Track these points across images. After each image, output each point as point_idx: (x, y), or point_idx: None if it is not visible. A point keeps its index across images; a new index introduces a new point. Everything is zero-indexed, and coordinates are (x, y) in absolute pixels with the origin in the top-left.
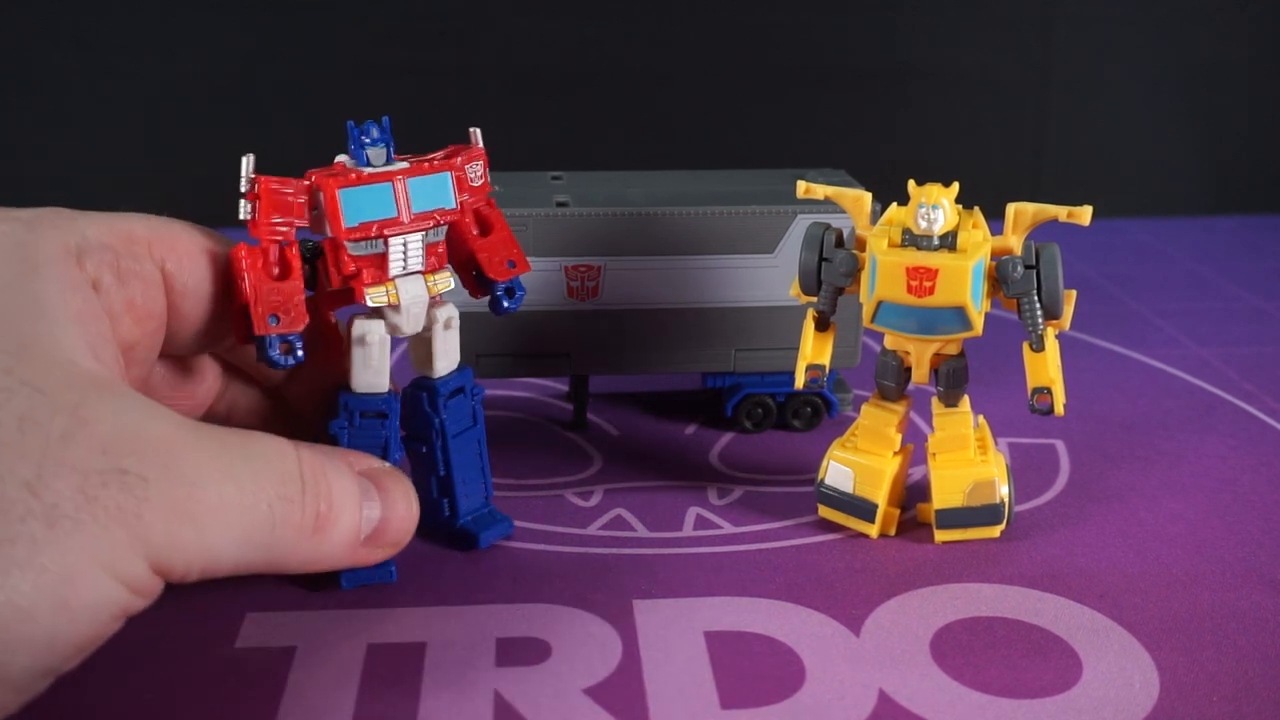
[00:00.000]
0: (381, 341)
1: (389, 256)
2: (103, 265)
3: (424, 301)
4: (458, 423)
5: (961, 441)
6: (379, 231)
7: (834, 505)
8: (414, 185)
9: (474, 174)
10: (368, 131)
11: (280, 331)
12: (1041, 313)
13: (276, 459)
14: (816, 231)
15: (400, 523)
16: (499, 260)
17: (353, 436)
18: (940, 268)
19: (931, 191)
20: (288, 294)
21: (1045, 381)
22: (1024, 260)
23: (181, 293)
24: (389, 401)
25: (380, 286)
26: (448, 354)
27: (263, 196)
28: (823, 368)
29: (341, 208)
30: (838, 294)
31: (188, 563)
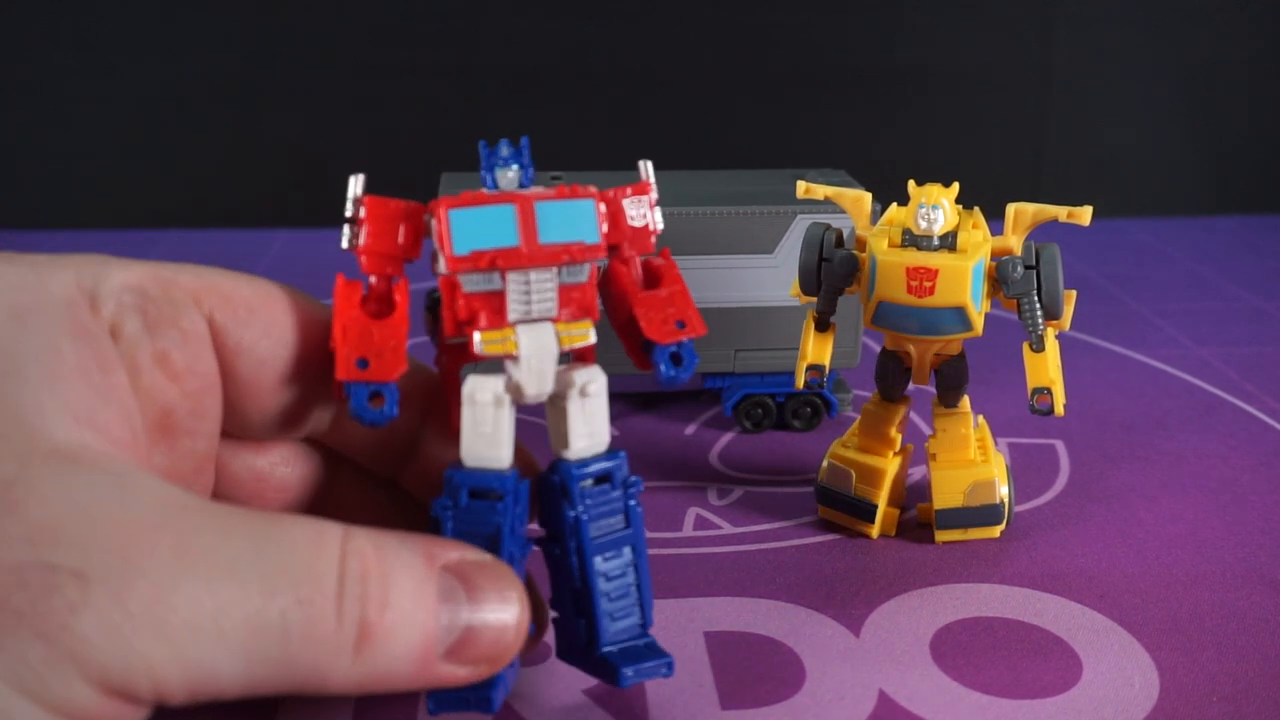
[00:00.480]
0: (497, 401)
1: (507, 295)
2: (125, 309)
3: (551, 354)
4: (601, 520)
5: (961, 442)
6: (493, 262)
7: (834, 505)
8: (544, 211)
9: (635, 212)
10: (497, 151)
11: (369, 379)
12: (1041, 313)
13: (304, 550)
14: (816, 232)
15: (496, 633)
16: (661, 318)
17: (458, 521)
18: (940, 268)
19: (931, 192)
20: (384, 335)
21: (1045, 382)
22: (1024, 260)
23: (236, 351)
24: (505, 480)
25: (496, 332)
26: (588, 428)
27: (367, 220)
28: (823, 368)
29: (451, 231)
30: (837, 294)
31: (162, 682)
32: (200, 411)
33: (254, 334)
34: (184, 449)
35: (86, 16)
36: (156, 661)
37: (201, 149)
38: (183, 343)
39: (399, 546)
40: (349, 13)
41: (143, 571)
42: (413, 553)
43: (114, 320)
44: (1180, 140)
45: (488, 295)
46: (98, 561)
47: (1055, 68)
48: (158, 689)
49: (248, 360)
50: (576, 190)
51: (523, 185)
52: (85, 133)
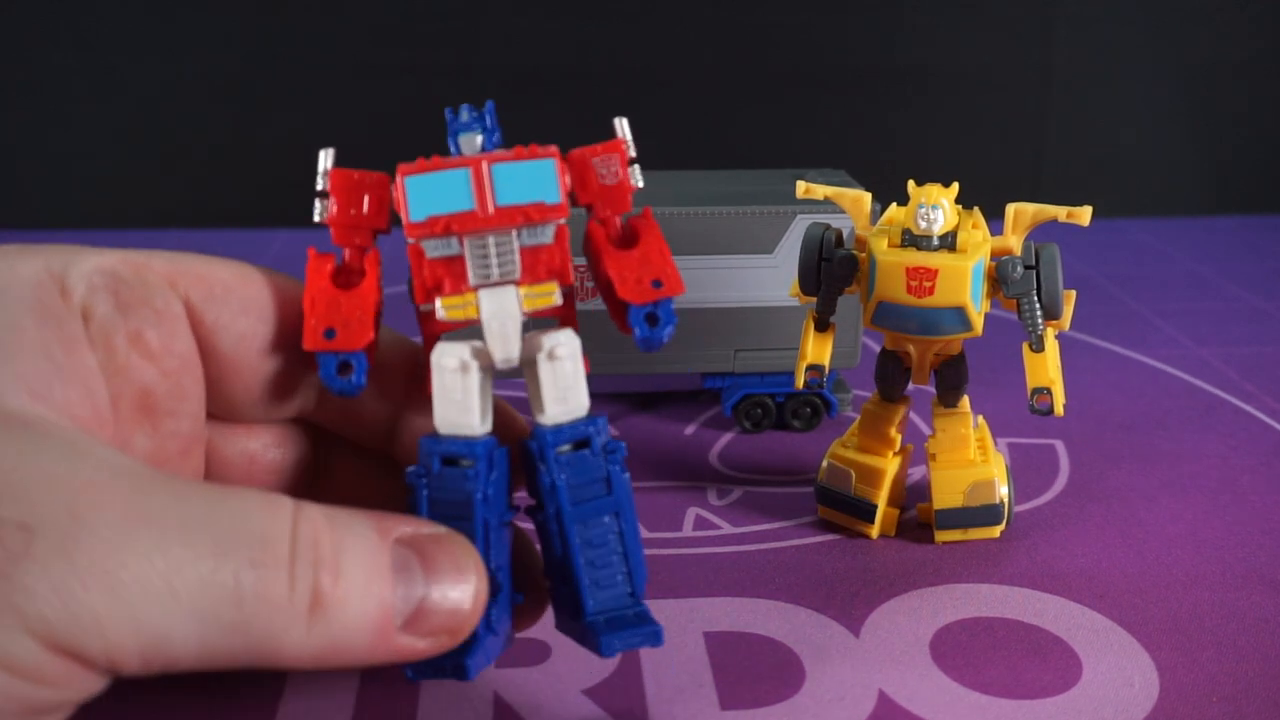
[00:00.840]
0: (463, 367)
1: (466, 259)
2: (95, 291)
3: (513, 317)
4: (582, 487)
5: (961, 442)
6: (447, 227)
7: (834, 505)
8: (501, 172)
9: (605, 170)
10: (459, 116)
11: (336, 348)
12: (1041, 313)
13: (257, 516)
14: (816, 232)
15: (451, 604)
16: (635, 278)
17: (432, 489)
18: (940, 268)
19: (931, 192)
20: (352, 305)
21: (1045, 382)
22: (1024, 260)
23: (214, 329)
24: (474, 445)
25: (458, 297)
26: (560, 393)
27: (334, 191)
28: (822, 368)
29: (407, 197)
30: (837, 294)
31: (114, 644)
32: (180, 392)
33: (231, 312)
34: (168, 430)
35: (86, 16)
36: (106, 618)
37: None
38: (157, 322)
39: (350, 518)
40: (349, 13)
41: (91, 528)
42: (365, 524)
43: (85, 303)
44: (1180, 140)
45: (449, 261)
46: (45, 516)
47: (1055, 67)
48: (109, 650)
49: (226, 338)
50: (535, 150)
51: (485, 149)
52: (85, 133)
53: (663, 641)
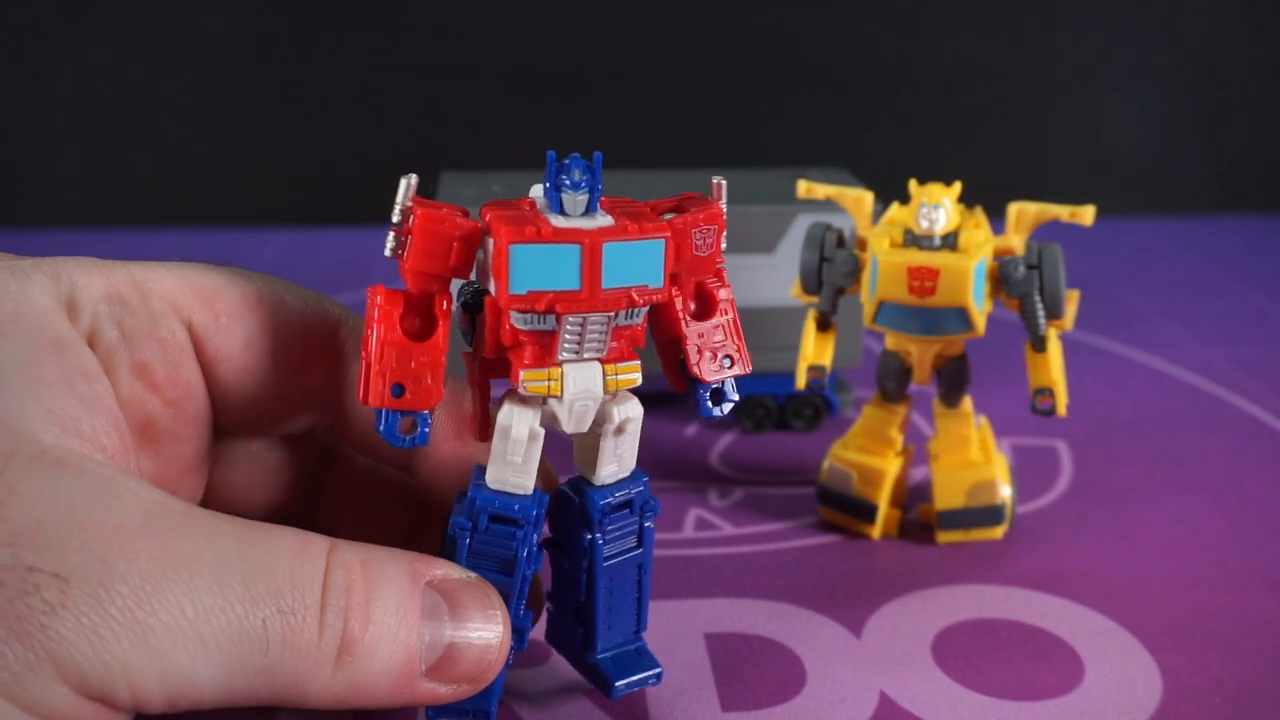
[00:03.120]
0: (532, 437)
1: (560, 337)
2: (101, 319)
3: (596, 398)
4: (616, 544)
5: (963, 442)
6: (550, 306)
7: (835, 506)
8: (611, 254)
9: (702, 240)
10: (569, 171)
11: (404, 407)
12: (1044, 313)
13: (288, 559)
14: (817, 231)
15: (478, 652)
16: (710, 353)
17: (476, 542)
18: (942, 268)
19: (933, 191)
20: (423, 361)
21: (1047, 382)
22: (1026, 260)
23: (216, 358)
24: (528, 509)
25: (541, 371)
26: (618, 459)
27: (417, 234)
28: (824, 368)
29: (510, 267)
30: (839, 294)
31: (140, 689)
32: (184, 419)
33: (237, 343)
34: (170, 454)
35: (86, 16)
36: (134, 666)
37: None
38: (162, 353)
39: (385, 561)
40: (349, 12)
41: (123, 576)
42: (398, 568)
43: (91, 329)
44: (1184, 139)
45: (537, 333)
46: (78, 564)
47: (1058, 66)
48: (135, 695)
49: (231, 367)
50: (646, 229)
51: (589, 210)
52: (85, 132)
53: (661, 679)
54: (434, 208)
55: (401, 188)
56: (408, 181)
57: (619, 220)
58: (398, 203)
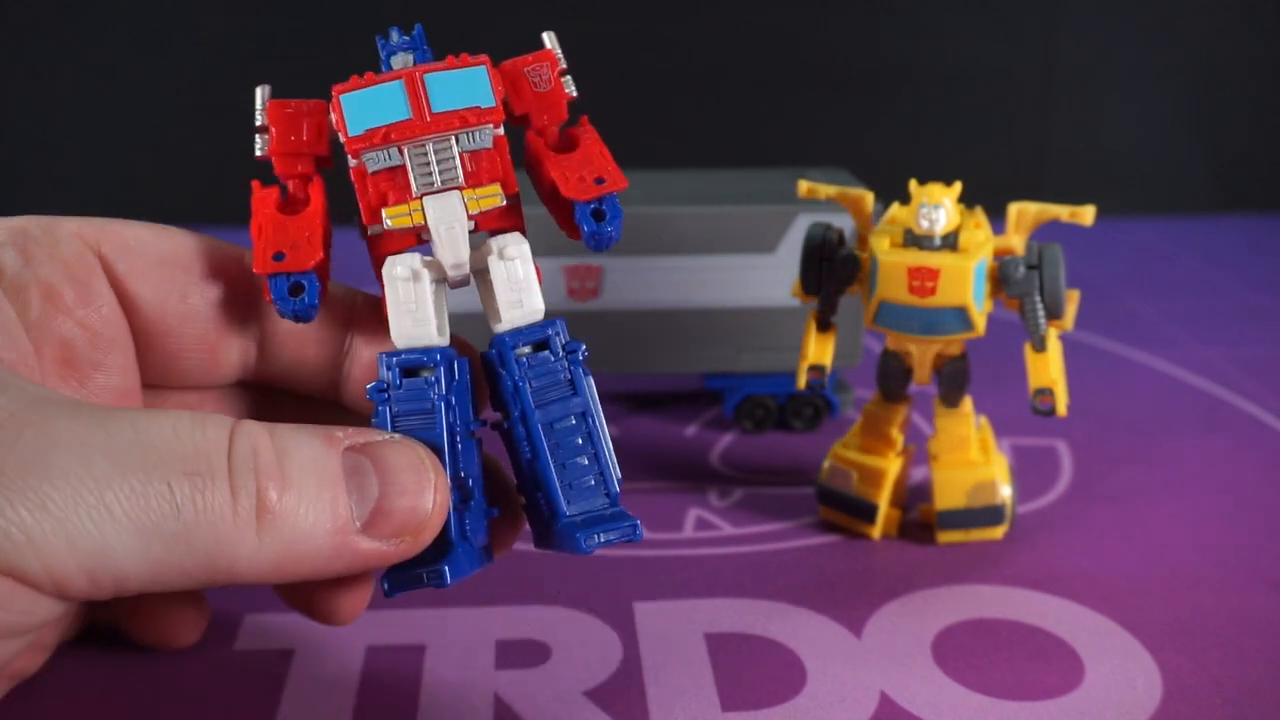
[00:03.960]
0: (415, 275)
1: (408, 168)
2: (4, 247)
3: (460, 220)
4: (545, 390)
5: (963, 442)
6: (386, 137)
7: (835, 506)
8: (434, 81)
9: (538, 78)
10: (389, 36)
11: (286, 269)
12: (1044, 313)
13: (185, 432)
14: (818, 232)
15: (408, 501)
16: (578, 176)
17: (397, 404)
18: (942, 268)
19: (933, 191)
20: (299, 227)
21: (1047, 382)
22: (1026, 260)
23: (129, 280)
24: (433, 353)
25: (402, 205)
26: (515, 296)
27: (272, 122)
28: (824, 368)
29: (345, 114)
30: (839, 294)
31: (52, 561)
32: (104, 344)
33: (147, 263)
34: (97, 384)
35: (86, 16)
36: (38, 535)
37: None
38: (68, 275)
39: (294, 430)
40: (349, 12)
41: (16, 452)
42: (310, 434)
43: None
44: (1185, 138)
45: (391, 173)
46: None
47: (1058, 66)
48: (49, 568)
49: (146, 290)
50: (466, 59)
51: None
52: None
53: (641, 535)
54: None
55: (258, 95)
56: (262, 90)
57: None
58: (257, 109)
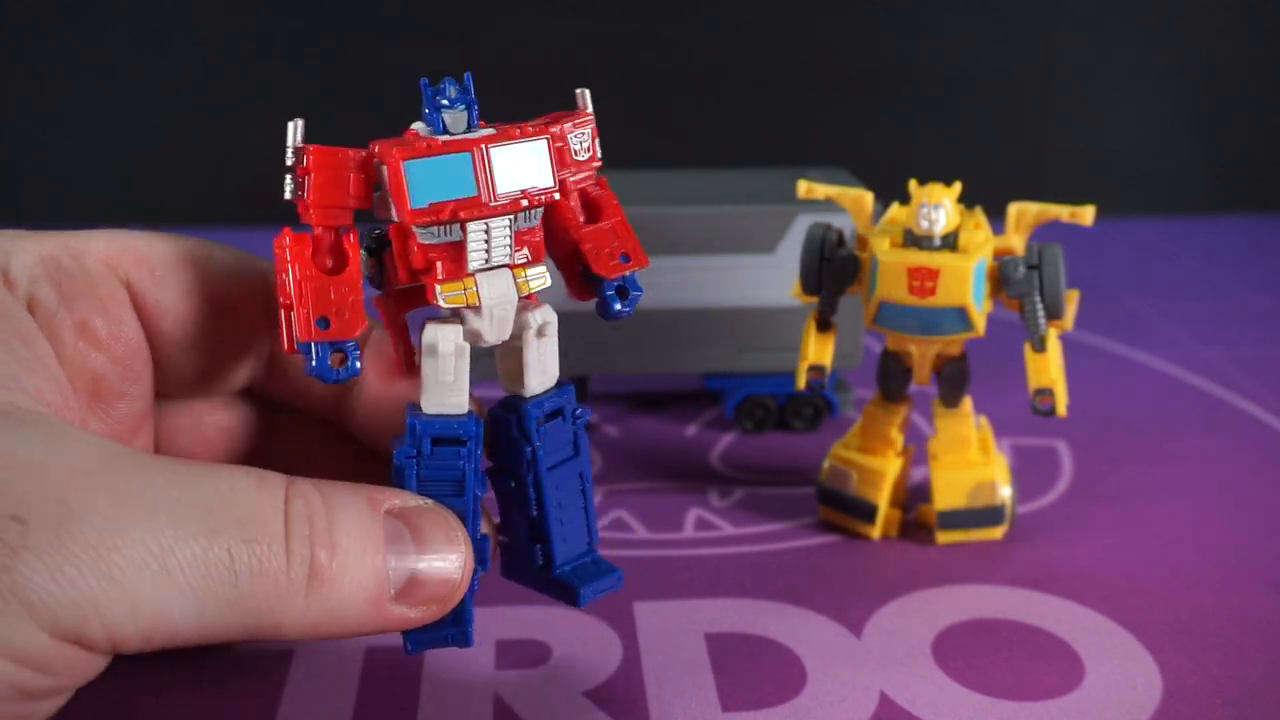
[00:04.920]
0: (459, 351)
1: (467, 246)
2: (38, 282)
3: (512, 302)
4: (555, 452)
5: (963, 442)
6: (454, 214)
7: (835, 506)
8: (500, 156)
9: (579, 145)
10: (444, 91)
11: (331, 339)
12: (1044, 313)
13: (246, 493)
14: (818, 232)
15: (443, 574)
16: (607, 252)
17: (423, 468)
18: (942, 268)
19: (933, 191)
20: (342, 292)
21: (1047, 382)
22: (1026, 261)
23: (157, 312)
24: (468, 425)
25: (456, 283)
26: (543, 367)
27: (314, 170)
28: (824, 368)
29: (408, 183)
30: (839, 294)
31: (113, 626)
32: (130, 375)
33: (173, 295)
34: (120, 413)
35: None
36: (104, 603)
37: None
38: (103, 310)
39: (342, 491)
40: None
41: (83, 515)
42: (357, 496)
43: (29, 294)
44: (1184, 138)
45: (445, 246)
46: (36, 506)
47: (1058, 66)
48: (110, 633)
49: (170, 320)
50: (527, 131)
51: (470, 126)
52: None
53: (622, 582)
54: (329, 149)
55: (290, 131)
56: (295, 125)
57: (499, 130)
58: (289, 145)
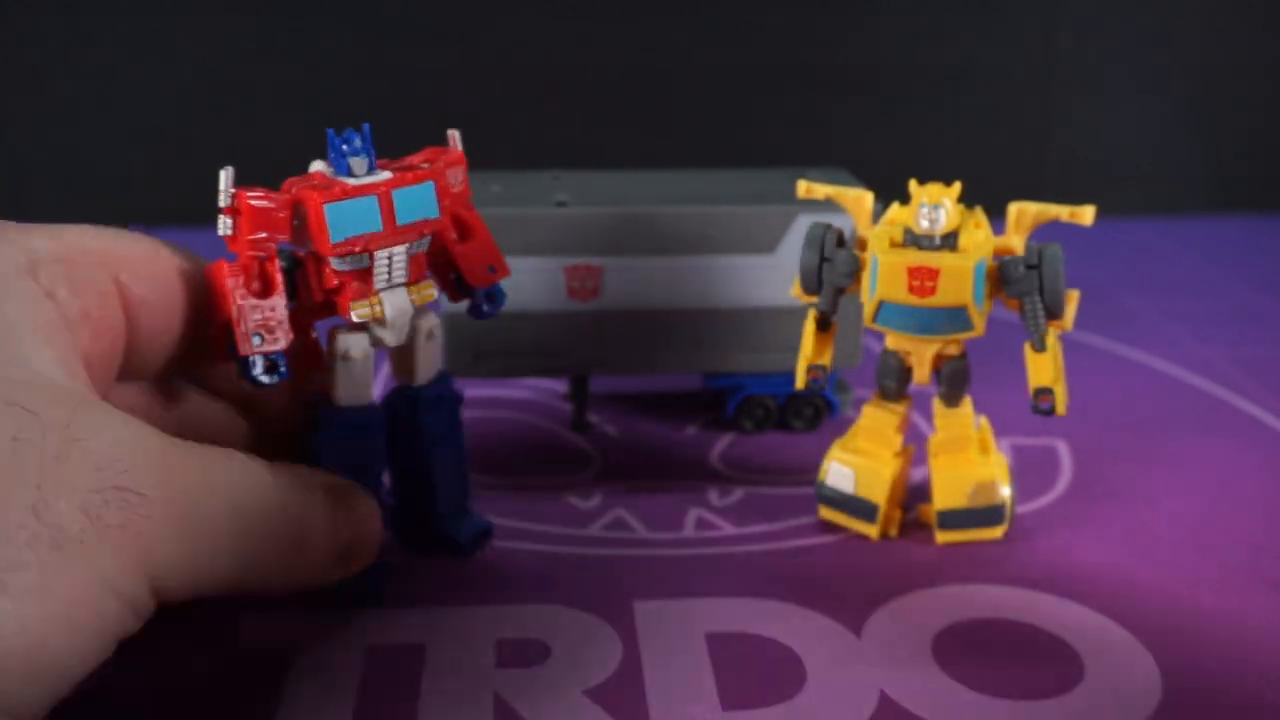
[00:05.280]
0: (366, 356)
1: (374, 270)
2: (56, 278)
3: (408, 314)
4: (439, 430)
5: (963, 442)
6: (365, 246)
7: (835, 506)
8: (400, 198)
9: (454, 179)
10: (350, 140)
11: (265, 351)
12: (1044, 313)
13: (256, 473)
14: (818, 231)
15: (370, 538)
16: (480, 266)
17: (335, 451)
18: (942, 268)
19: (933, 191)
20: (272, 312)
21: (1047, 382)
22: (1026, 260)
23: (139, 304)
24: (374, 412)
25: (364, 301)
26: (430, 363)
27: (243, 212)
28: (824, 368)
29: (327, 223)
30: (839, 294)
31: (182, 581)
32: (109, 361)
33: (152, 289)
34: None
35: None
36: (186, 563)
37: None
38: (99, 303)
39: (299, 473)
40: (349, 12)
41: (182, 489)
42: (309, 479)
43: (49, 288)
44: (1185, 139)
45: (355, 271)
46: (147, 482)
47: (1058, 66)
48: (179, 586)
49: (147, 311)
50: (419, 175)
51: (370, 169)
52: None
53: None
54: (255, 193)
55: (222, 179)
56: (227, 172)
57: (396, 174)
58: (221, 190)
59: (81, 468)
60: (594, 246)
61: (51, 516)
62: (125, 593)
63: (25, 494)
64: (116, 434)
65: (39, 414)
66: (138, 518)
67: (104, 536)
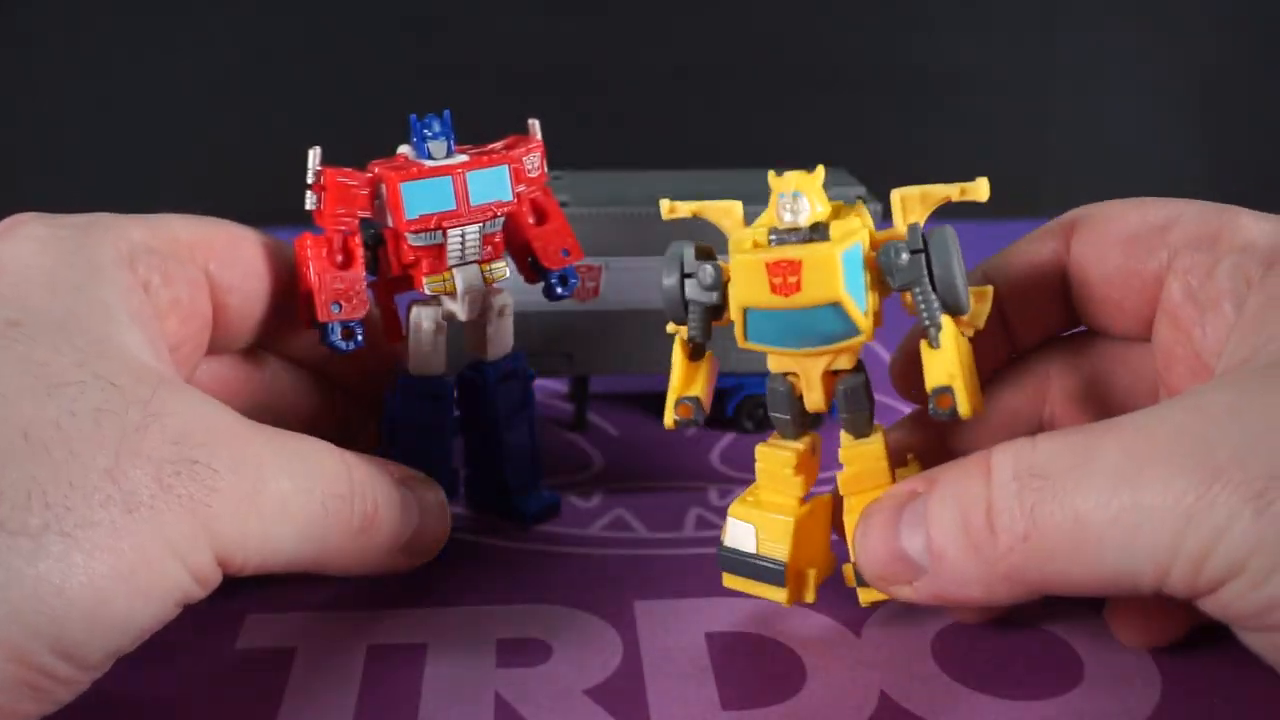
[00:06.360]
0: (438, 327)
1: (447, 247)
2: (151, 269)
3: (480, 289)
4: (510, 405)
5: (875, 477)
6: (438, 224)
7: (738, 571)
8: (473, 179)
9: (531, 165)
10: (429, 125)
11: (342, 318)
12: (937, 304)
13: (328, 458)
14: (675, 250)
15: (435, 532)
16: (554, 249)
17: (408, 417)
18: (803, 258)
19: (790, 179)
20: (350, 282)
21: (945, 379)
22: (909, 245)
23: (226, 290)
24: (443, 383)
25: (438, 275)
26: (501, 339)
27: (329, 188)
28: (697, 401)
29: (403, 201)
30: (709, 315)
31: (248, 554)
32: (196, 345)
33: (239, 274)
34: (183, 374)
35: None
36: (252, 537)
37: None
38: (189, 292)
39: (372, 461)
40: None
41: (247, 468)
42: (383, 468)
43: (145, 278)
44: (1185, 139)
45: (430, 247)
46: (220, 458)
47: (1058, 66)
48: (245, 559)
49: (234, 298)
50: (494, 159)
51: (449, 153)
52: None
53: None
54: (339, 170)
55: (310, 157)
56: (314, 152)
57: (472, 157)
58: (309, 168)
59: (158, 440)
60: (594, 247)
61: (127, 483)
62: (190, 560)
63: (104, 459)
64: (194, 412)
65: (124, 389)
66: (207, 491)
67: (173, 505)
